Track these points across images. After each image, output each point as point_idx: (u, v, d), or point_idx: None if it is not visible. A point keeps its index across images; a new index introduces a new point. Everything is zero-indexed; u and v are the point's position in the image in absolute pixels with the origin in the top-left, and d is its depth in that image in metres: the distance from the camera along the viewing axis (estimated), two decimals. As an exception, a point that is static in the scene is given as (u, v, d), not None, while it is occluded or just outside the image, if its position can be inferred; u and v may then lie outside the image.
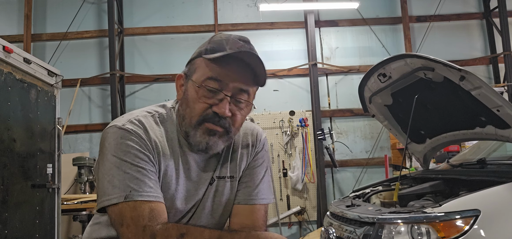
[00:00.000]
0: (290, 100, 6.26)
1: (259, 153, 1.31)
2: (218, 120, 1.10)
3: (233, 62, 1.08)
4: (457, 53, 6.48)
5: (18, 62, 3.07)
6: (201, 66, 1.10)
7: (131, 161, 1.05)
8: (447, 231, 1.94)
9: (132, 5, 6.45)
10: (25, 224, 3.12)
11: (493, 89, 2.19)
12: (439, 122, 2.86)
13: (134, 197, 1.02)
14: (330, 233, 2.24)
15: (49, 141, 3.55)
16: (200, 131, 1.11)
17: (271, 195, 1.31)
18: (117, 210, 1.03)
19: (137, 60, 6.34)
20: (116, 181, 1.04)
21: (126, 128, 1.09)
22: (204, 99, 1.09)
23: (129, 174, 1.04)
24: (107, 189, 1.05)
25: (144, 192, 1.04)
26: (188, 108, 1.12)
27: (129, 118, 1.13)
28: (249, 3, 6.52)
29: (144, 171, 1.06)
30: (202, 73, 1.09)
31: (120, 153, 1.06)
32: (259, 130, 1.35)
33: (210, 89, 1.08)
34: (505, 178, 2.14)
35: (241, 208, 1.25)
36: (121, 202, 1.02)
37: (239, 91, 1.11)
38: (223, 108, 1.08)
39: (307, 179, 5.93)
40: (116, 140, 1.07)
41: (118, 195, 1.03)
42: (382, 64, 2.62)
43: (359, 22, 6.51)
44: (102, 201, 1.05)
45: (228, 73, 1.08)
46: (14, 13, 6.29)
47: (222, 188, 1.24)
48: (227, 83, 1.08)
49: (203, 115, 1.10)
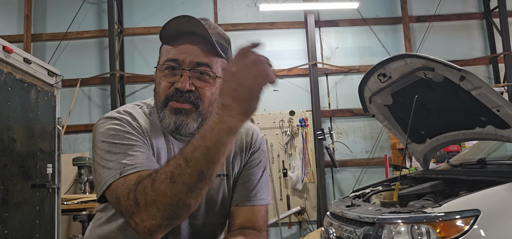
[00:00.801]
0: (290, 100, 6.26)
1: (256, 153, 1.29)
2: (181, 95, 1.10)
3: (186, 38, 1.12)
4: (457, 53, 6.48)
5: (18, 62, 3.07)
6: (162, 52, 1.17)
7: (120, 142, 1.05)
8: (447, 231, 1.94)
9: (132, 5, 6.45)
10: (25, 224, 3.12)
11: (493, 89, 2.19)
12: (439, 122, 2.86)
13: (128, 171, 1.00)
14: (330, 233, 2.24)
15: (49, 141, 3.55)
16: (167, 112, 1.12)
17: (269, 196, 1.29)
18: (112, 189, 1.00)
19: (137, 60, 6.34)
20: (110, 163, 1.03)
21: (113, 116, 1.12)
22: (166, 79, 1.12)
23: (120, 153, 1.03)
24: (103, 174, 1.03)
25: (138, 165, 1.01)
26: (156, 94, 1.16)
27: (116, 110, 1.16)
28: (249, 3, 6.52)
29: (135, 147, 1.05)
30: (162, 57, 1.15)
31: (109, 137, 1.06)
32: (255, 129, 1.33)
33: (168, 67, 1.12)
34: (505, 178, 2.14)
35: (240, 210, 1.23)
36: (115, 180, 1.00)
37: (197, 65, 1.11)
38: (182, 82, 1.09)
39: (307, 179, 5.93)
40: (103, 128, 1.09)
41: (113, 174, 1.01)
42: (382, 64, 2.62)
43: (359, 22, 6.51)
44: (101, 187, 1.03)
45: (183, 49, 1.11)
46: (14, 13, 6.29)
47: (217, 186, 1.22)
48: (184, 60, 1.11)
49: (166, 95, 1.12)
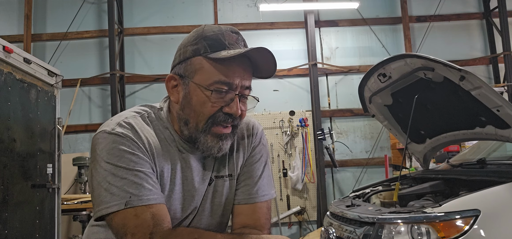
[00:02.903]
0: (290, 100, 6.26)
1: (256, 147, 1.26)
2: (231, 120, 1.08)
3: (236, 59, 1.05)
4: (457, 53, 6.48)
5: (18, 62, 3.07)
6: (204, 67, 1.05)
7: (126, 166, 1.01)
8: (447, 231, 1.94)
9: (132, 5, 6.45)
10: (25, 224, 3.12)
11: (493, 89, 2.19)
12: (439, 121, 2.86)
13: (134, 203, 0.98)
14: (330, 233, 2.24)
15: (49, 141, 3.55)
16: (210, 136, 1.08)
17: (272, 190, 1.27)
18: (118, 218, 0.99)
19: (137, 60, 6.35)
20: (114, 189, 0.99)
21: (116, 132, 1.04)
22: (215, 102, 1.05)
23: (126, 179, 1.00)
24: (104, 197, 1.00)
25: (144, 196, 1.00)
26: (193, 112, 1.07)
27: (117, 121, 1.08)
28: (249, 3, 6.52)
29: (141, 174, 1.02)
30: (208, 76, 1.04)
31: (114, 159, 1.01)
32: (255, 122, 1.30)
33: (220, 91, 1.04)
34: (505, 178, 2.14)
35: (242, 208, 1.22)
36: (122, 210, 0.98)
37: (245, 88, 1.08)
38: (236, 108, 1.06)
39: (307, 179, 5.93)
40: (107, 145, 1.03)
41: (118, 202, 0.98)
42: (382, 64, 2.62)
43: (359, 22, 6.51)
44: (100, 209, 1.00)
45: (234, 71, 1.05)
46: (14, 13, 6.29)
47: (221, 188, 1.21)
48: (234, 82, 1.05)
49: (212, 118, 1.06)
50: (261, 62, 1.08)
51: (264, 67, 1.09)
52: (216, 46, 1.05)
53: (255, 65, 1.10)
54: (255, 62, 1.09)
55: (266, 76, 1.12)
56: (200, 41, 1.07)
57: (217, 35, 1.07)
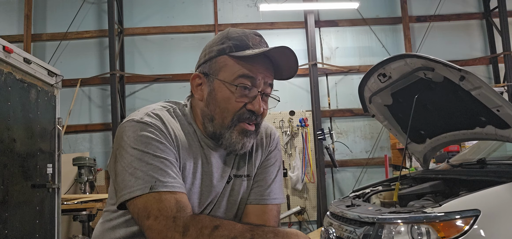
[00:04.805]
0: (290, 100, 6.26)
1: (272, 152, 1.31)
2: (254, 118, 1.12)
3: (259, 58, 1.10)
4: (457, 53, 6.48)
5: (18, 62, 3.07)
6: (228, 64, 1.10)
7: (153, 152, 1.03)
8: (447, 231, 1.94)
9: (132, 5, 6.45)
10: (25, 224, 3.12)
11: (493, 89, 2.19)
12: (439, 121, 2.86)
13: (158, 188, 0.99)
14: (330, 233, 2.24)
15: (49, 141, 3.55)
16: (235, 132, 1.11)
17: (282, 195, 1.31)
18: (141, 202, 0.99)
19: (137, 60, 6.35)
20: (139, 173, 1.01)
21: (145, 121, 1.07)
22: (239, 98, 1.10)
23: (152, 165, 1.01)
24: (129, 182, 1.01)
25: (169, 183, 1.01)
26: (218, 109, 1.11)
27: (145, 111, 1.11)
28: (249, 3, 6.52)
29: (167, 161, 1.04)
30: (233, 72, 1.10)
31: (141, 145, 1.03)
32: (273, 128, 1.36)
33: (244, 86, 1.09)
34: (505, 178, 2.14)
35: (253, 208, 1.24)
36: (145, 194, 0.99)
37: (267, 86, 1.13)
38: (258, 105, 1.10)
39: (307, 179, 5.94)
40: (135, 132, 1.05)
41: (142, 186, 1.00)
42: (382, 64, 2.62)
43: (359, 22, 6.51)
44: (123, 194, 1.01)
45: (257, 69, 1.10)
46: (14, 13, 6.29)
47: (238, 187, 1.23)
48: (257, 80, 1.10)
49: (238, 114, 1.10)
50: (283, 62, 1.13)
51: (286, 66, 1.14)
52: (241, 46, 1.11)
53: (277, 67, 1.15)
54: (277, 63, 1.14)
55: (288, 77, 1.17)
56: (226, 41, 1.13)
57: (241, 37, 1.13)
